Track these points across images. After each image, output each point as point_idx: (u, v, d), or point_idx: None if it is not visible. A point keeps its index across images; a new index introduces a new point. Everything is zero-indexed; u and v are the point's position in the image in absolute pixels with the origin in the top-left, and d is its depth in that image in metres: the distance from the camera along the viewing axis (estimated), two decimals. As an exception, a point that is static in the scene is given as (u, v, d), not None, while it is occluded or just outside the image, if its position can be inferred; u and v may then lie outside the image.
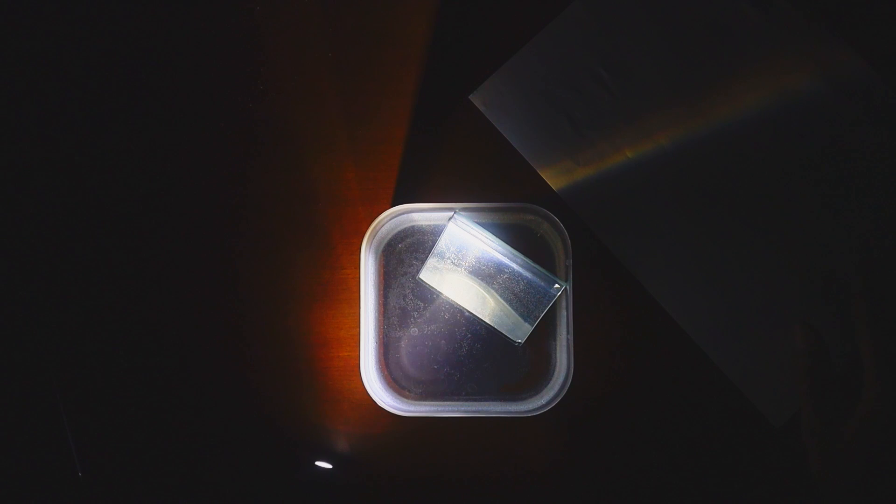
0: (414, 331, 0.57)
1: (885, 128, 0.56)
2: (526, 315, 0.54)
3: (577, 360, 0.53)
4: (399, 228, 0.58)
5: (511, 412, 0.55)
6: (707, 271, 0.57)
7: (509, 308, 0.55)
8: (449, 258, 0.54)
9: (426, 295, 0.57)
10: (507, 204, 0.55)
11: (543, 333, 0.57)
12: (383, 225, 0.56)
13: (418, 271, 0.55)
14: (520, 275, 0.54)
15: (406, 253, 0.58)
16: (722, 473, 0.57)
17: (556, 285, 0.54)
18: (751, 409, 0.57)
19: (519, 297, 0.54)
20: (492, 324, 0.55)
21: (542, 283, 0.54)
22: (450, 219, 0.54)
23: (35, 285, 0.59)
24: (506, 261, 0.54)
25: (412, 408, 0.55)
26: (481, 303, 0.55)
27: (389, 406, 0.54)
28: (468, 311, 0.56)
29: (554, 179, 0.58)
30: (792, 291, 0.57)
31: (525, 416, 0.54)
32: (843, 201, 0.57)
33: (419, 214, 0.56)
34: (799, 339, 0.53)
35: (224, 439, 0.59)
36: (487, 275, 0.55)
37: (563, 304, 0.54)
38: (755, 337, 0.57)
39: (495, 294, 0.55)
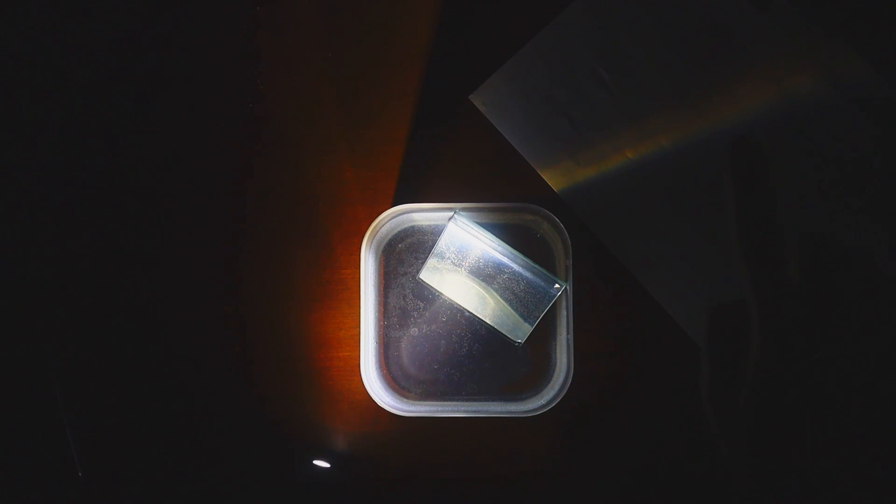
0: (414, 331, 0.57)
1: (886, 127, 0.56)
2: (526, 315, 0.54)
3: (577, 360, 0.53)
4: (399, 228, 0.58)
5: (511, 412, 0.55)
6: (707, 271, 0.57)
7: (509, 308, 0.55)
8: (449, 258, 0.54)
9: (426, 295, 0.57)
10: (507, 204, 0.55)
11: (543, 333, 0.56)
12: (383, 225, 0.56)
13: (418, 271, 0.55)
14: (520, 275, 0.54)
15: (406, 253, 0.58)
16: (721, 473, 0.57)
17: (556, 285, 0.54)
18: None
19: (519, 297, 0.54)
20: (492, 324, 0.55)
21: (542, 283, 0.54)
22: (450, 219, 0.54)
23: (35, 285, 0.59)
24: (506, 261, 0.54)
25: (412, 408, 0.55)
26: (481, 303, 0.55)
27: (389, 406, 0.54)
28: (468, 311, 0.56)
29: (554, 180, 0.58)
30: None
31: (525, 416, 0.54)
32: (843, 201, 0.57)
33: (419, 214, 0.56)
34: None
35: (224, 439, 0.59)
36: (487, 275, 0.55)
37: (563, 304, 0.54)
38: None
39: (495, 294, 0.55)
